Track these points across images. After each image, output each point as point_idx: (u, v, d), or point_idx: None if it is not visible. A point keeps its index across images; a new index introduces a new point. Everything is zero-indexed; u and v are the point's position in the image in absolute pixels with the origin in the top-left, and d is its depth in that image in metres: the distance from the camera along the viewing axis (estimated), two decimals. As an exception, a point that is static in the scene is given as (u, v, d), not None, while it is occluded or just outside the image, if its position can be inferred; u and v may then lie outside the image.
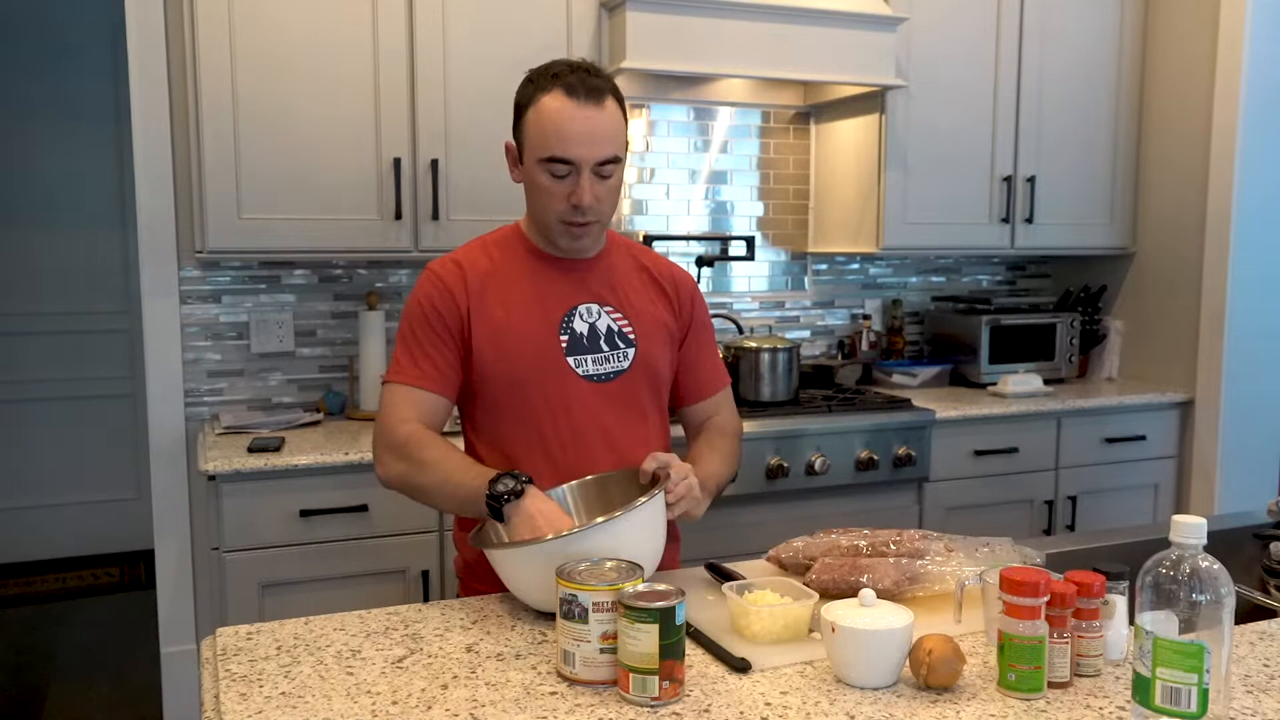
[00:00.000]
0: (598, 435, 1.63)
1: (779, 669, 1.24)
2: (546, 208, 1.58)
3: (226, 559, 2.36)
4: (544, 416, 1.61)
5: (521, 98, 1.59)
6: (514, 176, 1.64)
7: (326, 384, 2.99)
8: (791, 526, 2.56)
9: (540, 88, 1.55)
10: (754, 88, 3.36)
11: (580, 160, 1.53)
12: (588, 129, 1.53)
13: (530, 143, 1.57)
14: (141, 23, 2.73)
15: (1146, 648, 1.06)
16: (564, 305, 1.64)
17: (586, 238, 1.62)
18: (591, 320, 1.65)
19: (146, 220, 2.78)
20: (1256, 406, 3.33)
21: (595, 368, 1.63)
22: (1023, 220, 3.39)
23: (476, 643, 1.33)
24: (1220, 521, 1.95)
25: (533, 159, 1.56)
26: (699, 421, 1.79)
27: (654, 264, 1.76)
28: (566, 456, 1.62)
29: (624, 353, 1.65)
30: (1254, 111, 3.21)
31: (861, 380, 3.50)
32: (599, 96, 1.54)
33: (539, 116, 1.54)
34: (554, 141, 1.53)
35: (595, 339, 1.64)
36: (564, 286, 1.65)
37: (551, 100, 1.53)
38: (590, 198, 1.55)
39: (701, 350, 1.78)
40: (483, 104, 2.73)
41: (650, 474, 1.50)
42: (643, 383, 1.68)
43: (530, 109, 1.56)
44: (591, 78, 1.55)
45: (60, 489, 4.52)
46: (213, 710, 1.17)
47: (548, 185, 1.56)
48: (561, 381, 1.61)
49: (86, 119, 4.41)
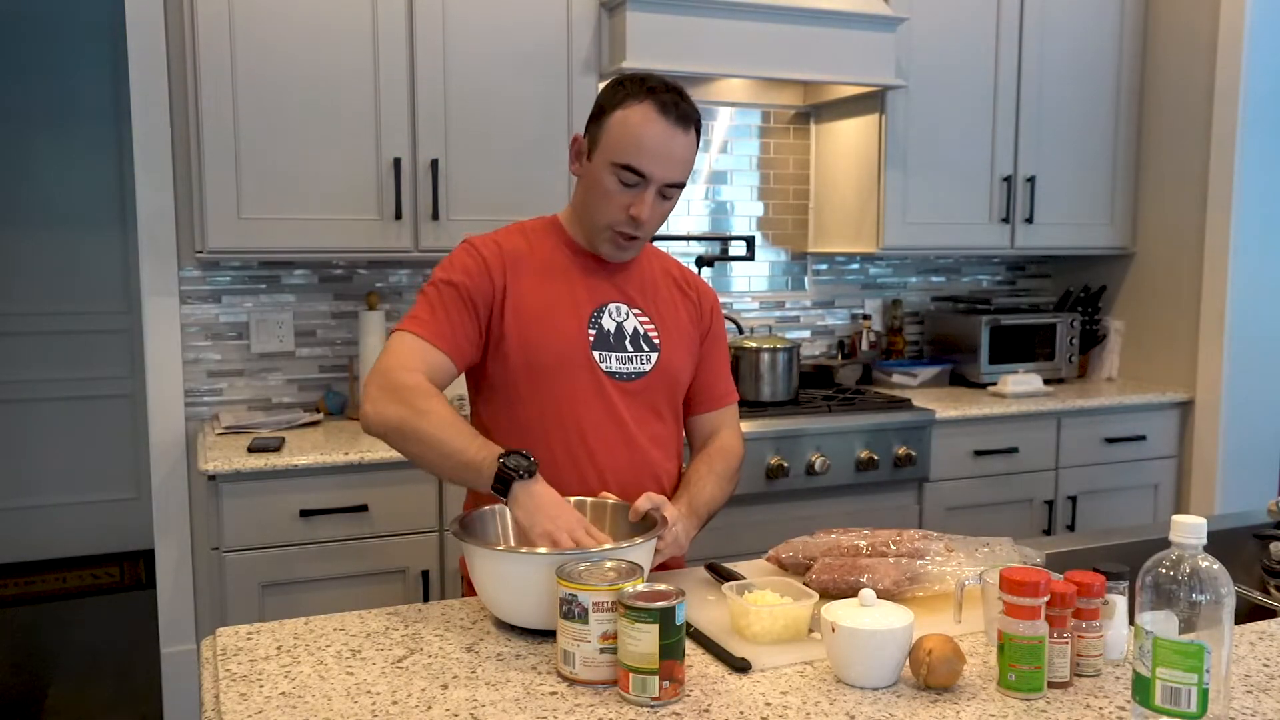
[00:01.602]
0: (615, 430, 1.63)
1: (779, 669, 1.24)
2: (603, 211, 1.59)
3: (226, 559, 2.36)
4: (564, 405, 1.61)
5: (608, 99, 1.59)
6: (573, 169, 1.64)
7: (326, 384, 2.99)
8: (791, 526, 2.56)
9: (632, 95, 1.56)
10: (754, 88, 3.36)
11: (652, 176, 1.55)
12: (669, 149, 1.55)
13: (607, 144, 1.57)
14: (141, 23, 2.73)
15: (1146, 648, 1.06)
16: (594, 301, 1.65)
17: (629, 251, 1.65)
18: (619, 319, 1.66)
19: (146, 220, 2.78)
20: (1256, 406, 3.33)
21: (619, 366, 1.64)
22: (1023, 220, 3.39)
23: (476, 643, 1.33)
24: (1220, 521, 1.95)
25: (605, 160, 1.57)
26: (703, 434, 1.78)
27: (681, 274, 1.78)
28: (586, 447, 1.61)
29: (647, 355, 1.66)
30: (1254, 111, 3.21)
31: (861, 380, 3.50)
32: (687, 123, 1.57)
33: (625, 122, 1.55)
34: (633, 151, 1.54)
35: (621, 338, 1.65)
36: (596, 283, 1.66)
37: (642, 111, 1.55)
38: (648, 213, 1.57)
39: (714, 362, 1.78)
40: (483, 104, 2.73)
41: (642, 513, 1.48)
42: (662, 387, 1.69)
43: (616, 112, 1.56)
44: (684, 103, 1.58)
45: (60, 489, 4.52)
46: (213, 710, 1.17)
47: (612, 190, 1.57)
48: (586, 373, 1.61)
49: (86, 119, 4.41)
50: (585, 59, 2.82)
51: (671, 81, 1.60)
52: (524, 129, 2.77)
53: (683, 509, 1.58)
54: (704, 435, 1.78)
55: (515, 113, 2.76)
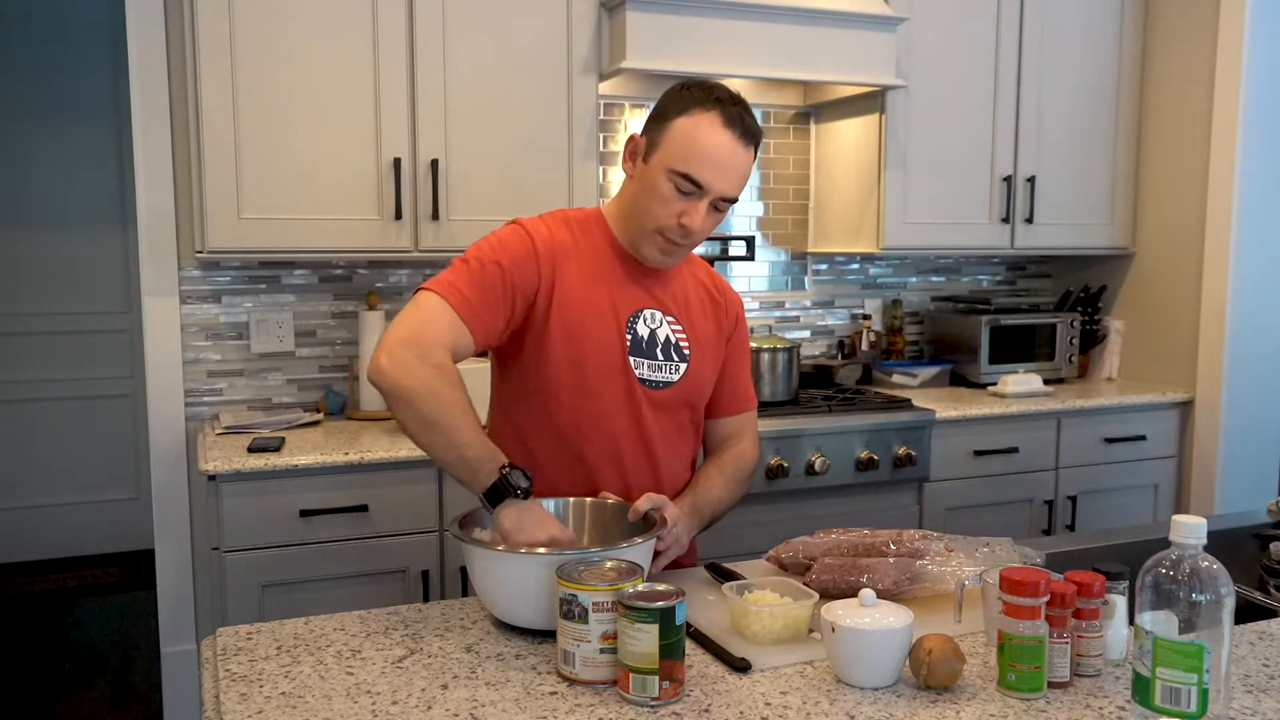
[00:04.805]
0: (640, 439, 1.63)
1: (779, 669, 1.24)
2: (653, 215, 1.56)
3: (226, 559, 2.36)
4: (603, 411, 1.59)
5: (672, 104, 1.55)
6: (626, 169, 1.60)
7: (326, 384, 2.99)
8: (791, 526, 2.56)
9: (698, 102, 1.53)
10: (754, 88, 3.36)
11: (710, 187, 1.52)
12: (730, 163, 1.53)
13: (668, 149, 1.54)
14: (141, 22, 2.73)
15: (1146, 648, 1.06)
16: (631, 306, 1.62)
17: (673, 258, 1.62)
18: (653, 327, 1.64)
19: (146, 220, 2.78)
20: (1256, 406, 3.33)
21: (650, 373, 1.62)
22: (1023, 220, 3.39)
23: (476, 643, 1.33)
24: (1220, 521, 1.95)
25: (663, 165, 1.54)
26: (720, 437, 1.78)
27: (711, 280, 1.77)
28: (617, 454, 1.61)
29: (677, 366, 1.65)
30: (1254, 111, 3.21)
31: (861, 380, 3.49)
32: (750, 139, 1.55)
33: (690, 130, 1.52)
34: (695, 160, 1.51)
35: (654, 346, 1.63)
36: (634, 288, 1.63)
37: (708, 121, 1.52)
38: (699, 223, 1.55)
39: (735, 367, 1.77)
40: (483, 104, 2.73)
41: (642, 513, 1.48)
42: (687, 399, 1.68)
43: (681, 119, 1.53)
44: (749, 118, 1.55)
45: (60, 489, 4.52)
46: (213, 710, 1.17)
47: (667, 195, 1.54)
48: (623, 379, 1.60)
49: (86, 119, 4.41)
50: (585, 59, 2.82)
51: (736, 94, 1.56)
52: (524, 129, 2.77)
53: (684, 508, 1.58)
54: (720, 439, 1.78)
55: (515, 113, 2.76)
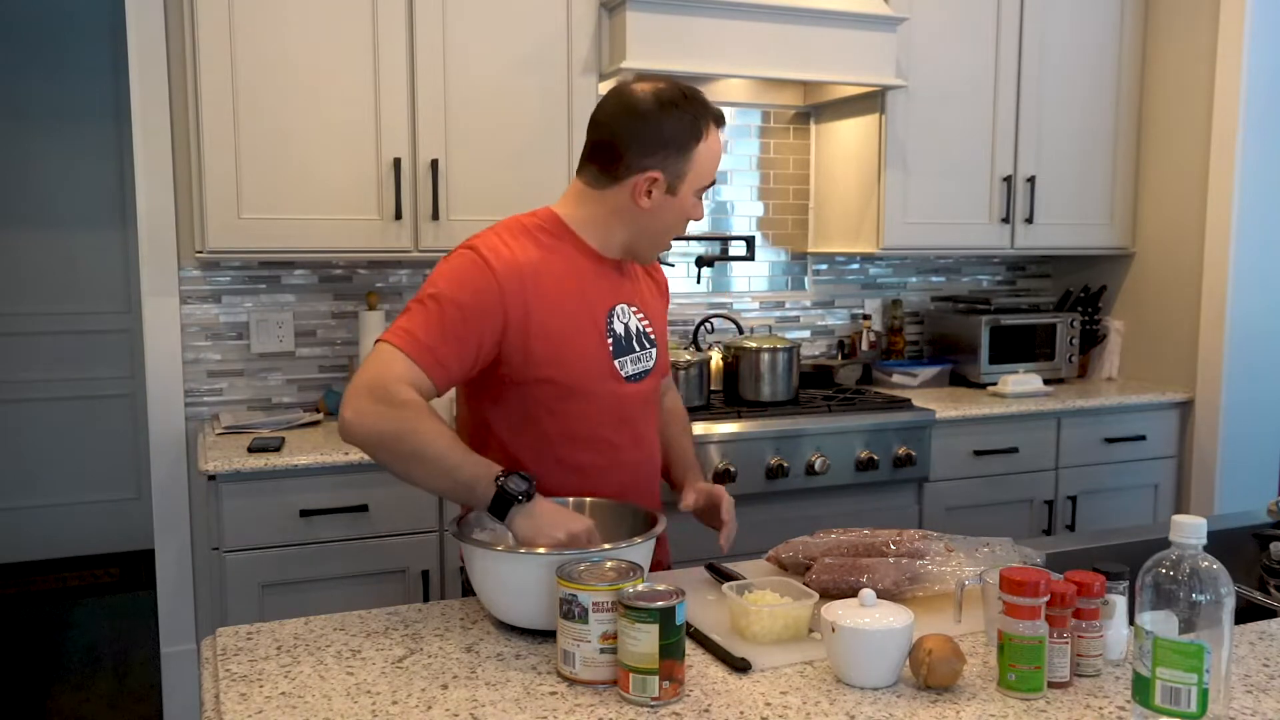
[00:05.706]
0: (631, 431, 1.65)
1: (779, 669, 1.24)
2: (675, 228, 1.63)
3: (226, 559, 2.36)
4: (594, 419, 1.59)
5: (688, 132, 1.55)
6: (642, 203, 1.56)
7: (326, 384, 2.99)
8: (791, 526, 2.55)
9: (701, 119, 1.58)
10: (754, 88, 3.36)
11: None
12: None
13: (696, 175, 1.58)
14: (141, 22, 2.73)
15: (1146, 648, 1.06)
16: (604, 305, 1.62)
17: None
18: (625, 321, 1.65)
19: (146, 220, 2.78)
20: (1256, 406, 3.33)
21: (633, 368, 1.64)
22: (1023, 220, 3.39)
23: (476, 643, 1.33)
24: (1220, 521, 1.95)
25: (692, 189, 1.59)
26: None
27: None
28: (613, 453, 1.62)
29: (649, 353, 1.67)
30: (1254, 111, 3.21)
31: (861, 380, 3.49)
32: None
33: (709, 150, 1.59)
34: (713, 170, 1.61)
35: (630, 339, 1.64)
36: (602, 286, 1.62)
37: (714, 134, 1.60)
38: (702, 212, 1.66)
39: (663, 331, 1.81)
40: (483, 104, 2.73)
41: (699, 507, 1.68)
42: (658, 379, 1.72)
43: (702, 144, 1.57)
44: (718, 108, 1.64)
45: (60, 489, 4.52)
46: (213, 710, 1.17)
47: (694, 207, 1.62)
48: (612, 383, 1.60)
49: (86, 118, 4.41)
50: (585, 59, 2.82)
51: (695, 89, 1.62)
52: (524, 129, 2.77)
53: (697, 479, 1.75)
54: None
55: (515, 113, 2.76)
